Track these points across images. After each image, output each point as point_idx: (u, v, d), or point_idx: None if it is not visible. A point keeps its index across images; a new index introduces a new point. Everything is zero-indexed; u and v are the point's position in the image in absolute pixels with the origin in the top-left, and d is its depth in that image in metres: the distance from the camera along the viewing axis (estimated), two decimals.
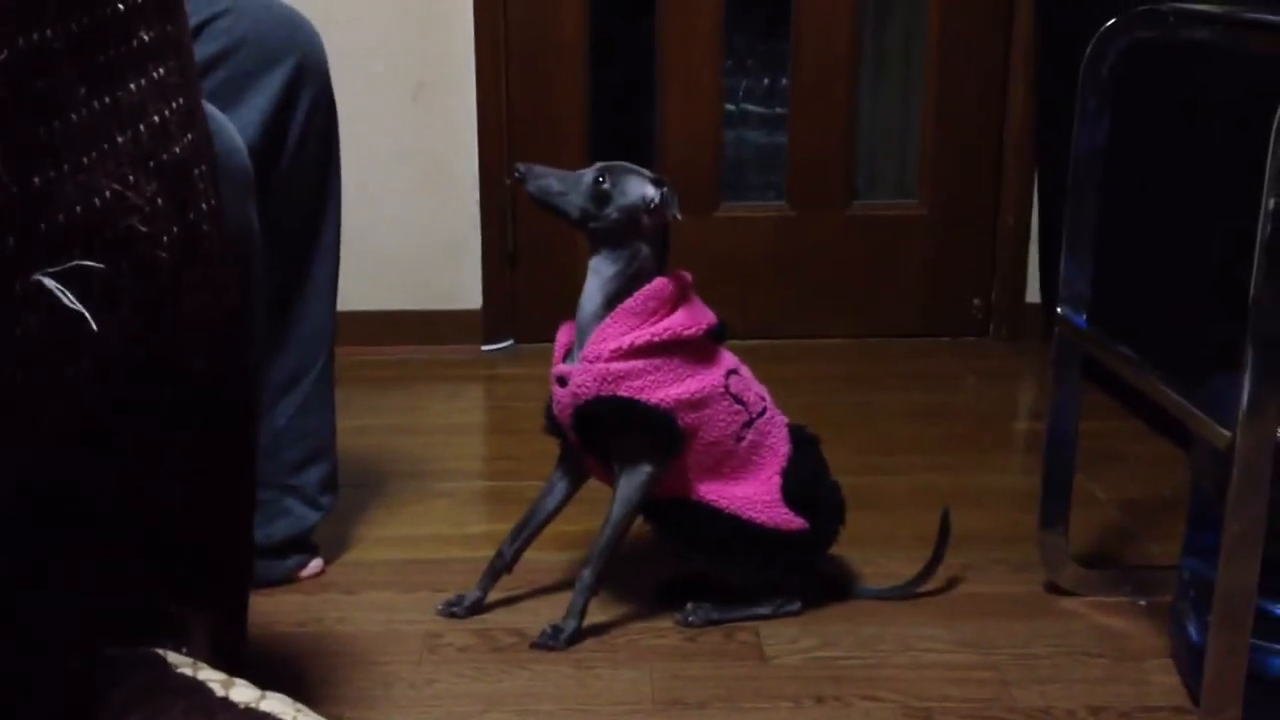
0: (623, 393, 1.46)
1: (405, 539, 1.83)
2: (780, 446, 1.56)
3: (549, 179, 1.48)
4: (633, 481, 1.51)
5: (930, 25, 2.72)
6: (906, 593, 1.64)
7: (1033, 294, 2.77)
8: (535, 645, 1.51)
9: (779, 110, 2.94)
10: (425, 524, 1.88)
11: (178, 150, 0.81)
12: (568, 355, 1.52)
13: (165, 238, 0.80)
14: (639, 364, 1.46)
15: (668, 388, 1.46)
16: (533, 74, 2.66)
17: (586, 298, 1.50)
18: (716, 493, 1.52)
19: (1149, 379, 1.41)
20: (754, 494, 1.53)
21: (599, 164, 1.49)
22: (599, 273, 1.49)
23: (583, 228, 1.49)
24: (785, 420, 1.59)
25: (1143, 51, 1.48)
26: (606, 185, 1.47)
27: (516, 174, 1.49)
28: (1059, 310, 1.58)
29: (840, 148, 2.76)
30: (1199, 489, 1.44)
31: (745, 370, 1.56)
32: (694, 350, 1.49)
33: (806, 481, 1.56)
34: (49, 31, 0.70)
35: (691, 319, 1.49)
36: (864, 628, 1.57)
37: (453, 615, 1.58)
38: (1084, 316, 1.56)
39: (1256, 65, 1.66)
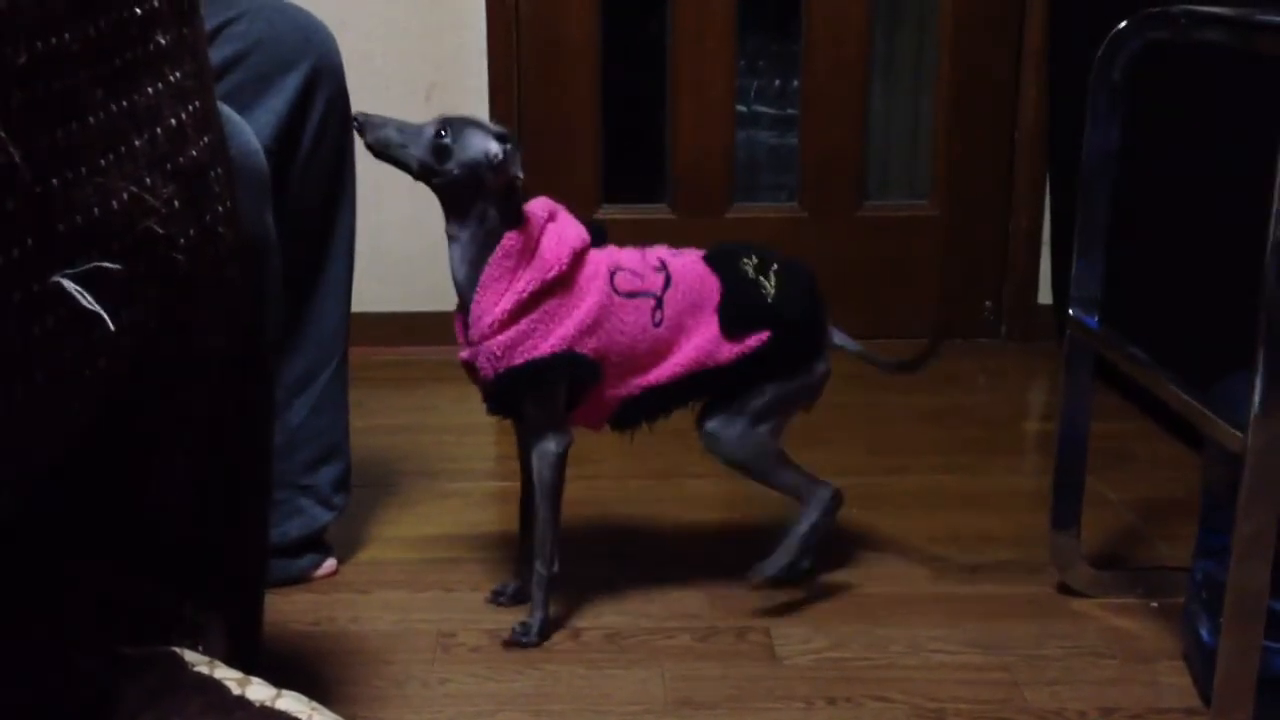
0: (517, 361, 1.45)
1: (417, 539, 1.84)
2: (707, 296, 1.52)
3: (389, 129, 1.44)
4: (543, 463, 1.50)
5: (942, 27, 2.72)
6: (893, 365, 1.70)
7: (1044, 295, 2.77)
8: (508, 643, 1.52)
9: (790, 111, 2.94)
10: (437, 524, 1.89)
11: (194, 153, 0.82)
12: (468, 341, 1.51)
13: (182, 240, 0.80)
14: (520, 327, 1.44)
15: (556, 330, 1.45)
16: (544, 74, 2.67)
17: (453, 270, 1.48)
18: (670, 368, 1.51)
19: (1160, 380, 1.41)
20: (699, 347, 1.51)
21: (440, 115, 1.46)
22: (456, 238, 1.47)
23: (426, 183, 1.46)
24: (697, 258, 1.55)
25: (1154, 53, 1.48)
26: (447, 139, 1.43)
27: (355, 123, 1.45)
28: (1070, 311, 1.58)
29: (851, 149, 2.76)
30: (1210, 490, 1.44)
31: (628, 255, 1.52)
32: (566, 281, 1.46)
33: (742, 302, 1.52)
34: (67, 35, 0.71)
35: (551, 255, 1.45)
36: (875, 628, 1.57)
37: (500, 604, 1.60)
38: (1095, 318, 1.56)
39: (1268, 67, 1.66)
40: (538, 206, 1.49)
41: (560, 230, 1.48)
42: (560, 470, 1.52)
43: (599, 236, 1.51)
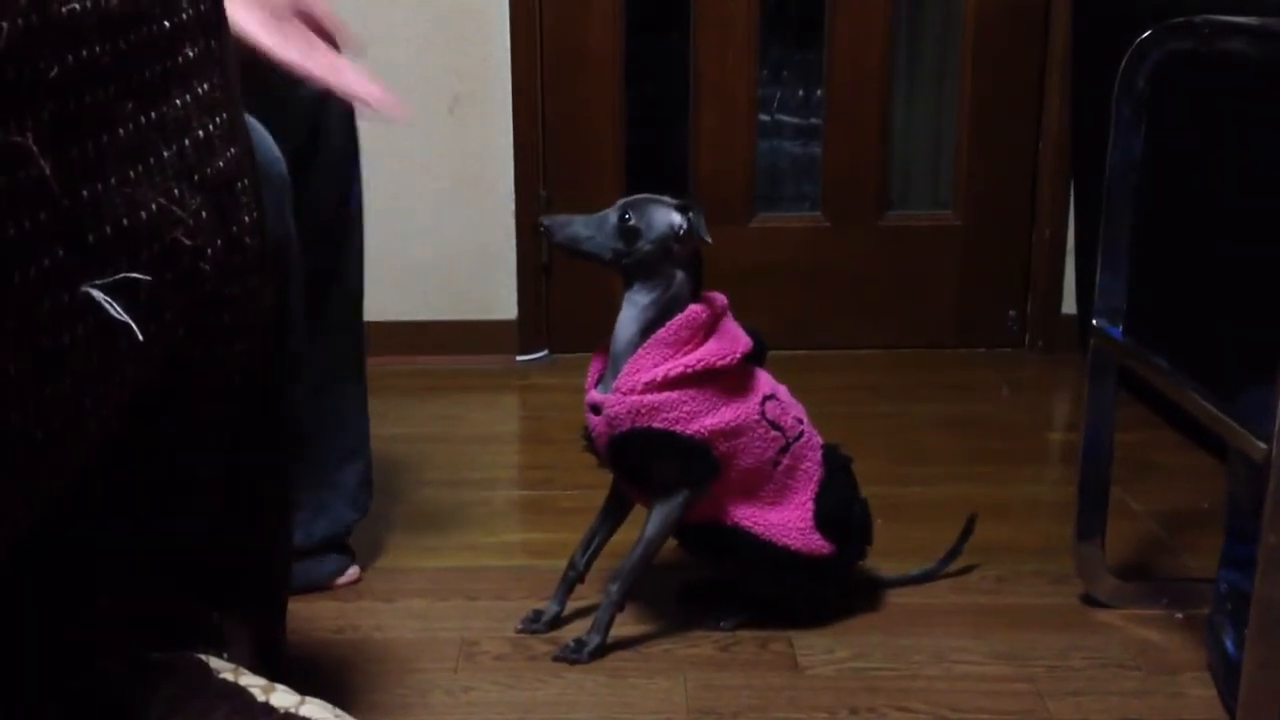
0: (657, 425, 1.45)
1: (441, 547, 1.84)
2: (814, 471, 1.56)
3: (574, 226, 1.48)
4: (669, 504, 1.51)
5: (965, 36, 2.72)
6: (927, 577, 1.70)
7: (1069, 305, 2.76)
8: (558, 658, 1.52)
9: (813, 121, 2.94)
10: (461, 532, 1.90)
11: (221, 164, 0.83)
12: (600, 381, 1.52)
13: (209, 250, 0.81)
14: (673, 396, 1.45)
15: (703, 418, 1.46)
16: (567, 86, 2.68)
17: (621, 326, 1.49)
18: (751, 518, 1.53)
19: (1185, 390, 1.40)
20: (788, 520, 1.53)
21: (620, 201, 1.49)
22: (635, 303, 1.48)
23: (616, 266, 1.48)
24: (820, 442, 1.59)
25: (1178, 62, 1.47)
26: (633, 221, 1.46)
27: (542, 228, 1.49)
28: (1094, 322, 1.57)
29: (875, 158, 2.76)
30: (1235, 501, 1.44)
31: (783, 392, 1.56)
32: (729, 378, 1.48)
33: (838, 506, 1.56)
34: (96, 48, 0.72)
35: (726, 347, 1.47)
36: (898, 639, 1.57)
37: (533, 632, 1.57)
38: (1120, 328, 1.56)
39: None
40: (722, 299, 1.51)
41: (735, 328, 1.51)
42: (684, 513, 1.52)
43: (760, 350, 1.52)
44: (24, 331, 0.68)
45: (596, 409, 1.50)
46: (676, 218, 1.47)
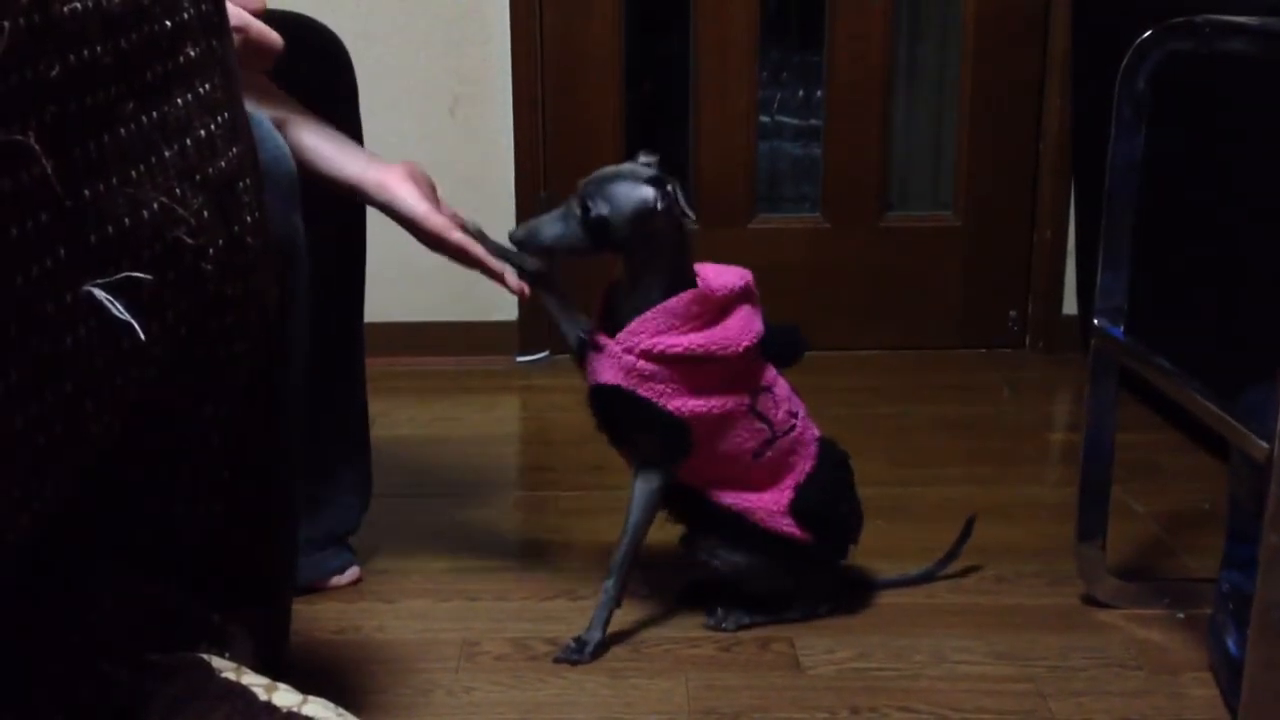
0: (643, 392, 1.45)
1: (442, 548, 1.84)
2: (802, 463, 1.55)
3: (541, 227, 1.44)
4: (647, 486, 1.51)
5: (965, 37, 2.72)
6: (927, 578, 1.69)
7: (1069, 306, 2.76)
8: (559, 659, 1.51)
9: (814, 122, 2.95)
10: (461, 533, 1.90)
11: (223, 164, 0.83)
12: (607, 316, 1.50)
13: (211, 249, 0.81)
14: (665, 370, 1.44)
15: (688, 398, 1.45)
16: (568, 87, 2.68)
17: (622, 295, 1.49)
18: (731, 496, 1.53)
19: (1186, 391, 1.40)
20: (762, 502, 1.53)
21: (581, 182, 1.44)
22: (636, 281, 1.48)
23: (612, 253, 1.46)
24: (817, 435, 1.58)
25: (1179, 62, 1.47)
26: (595, 212, 1.41)
27: (515, 242, 1.46)
28: (1095, 322, 1.57)
29: (875, 160, 2.76)
30: (1237, 500, 1.44)
31: (781, 387, 1.54)
32: (727, 366, 1.47)
33: (821, 499, 1.55)
34: (98, 49, 0.72)
35: (731, 336, 1.46)
36: (899, 639, 1.57)
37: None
38: (1121, 328, 1.56)
39: None
40: (734, 277, 1.49)
41: (750, 317, 1.48)
42: (653, 509, 1.52)
43: (770, 347, 1.50)
44: (26, 333, 0.68)
45: (597, 346, 1.49)
46: (649, 192, 1.42)
